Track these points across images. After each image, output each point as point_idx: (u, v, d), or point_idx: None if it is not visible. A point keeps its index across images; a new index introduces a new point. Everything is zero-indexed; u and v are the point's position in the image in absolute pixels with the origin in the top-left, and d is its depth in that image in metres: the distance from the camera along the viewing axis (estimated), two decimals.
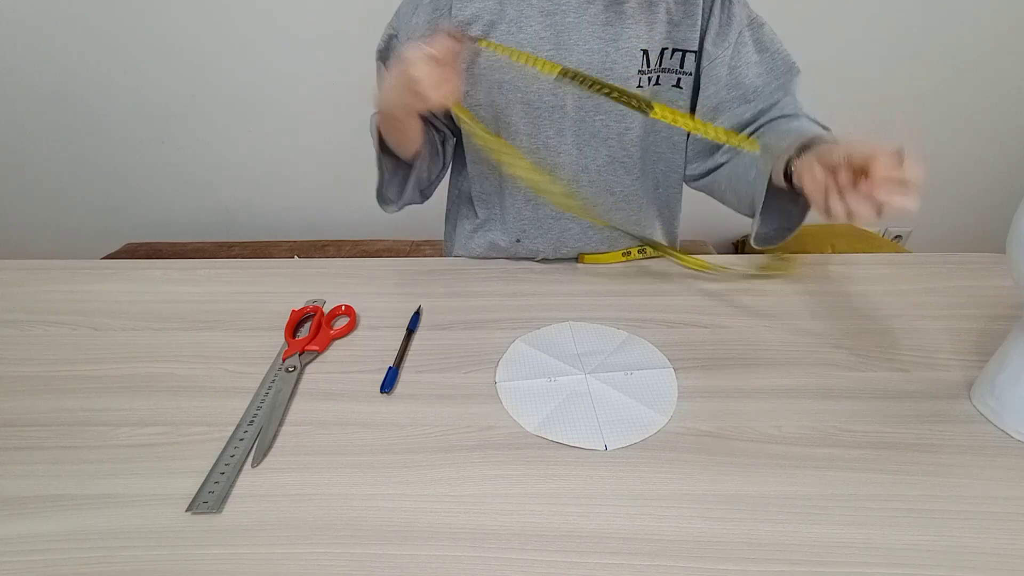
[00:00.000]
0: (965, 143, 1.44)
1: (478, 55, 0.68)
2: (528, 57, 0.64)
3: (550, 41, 0.67)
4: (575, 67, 0.67)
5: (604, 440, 0.56)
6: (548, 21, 0.66)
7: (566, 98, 0.70)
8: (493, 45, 0.65)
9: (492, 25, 0.67)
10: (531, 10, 0.66)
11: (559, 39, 0.67)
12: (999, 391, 0.57)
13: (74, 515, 0.50)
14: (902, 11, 1.23)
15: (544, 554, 0.47)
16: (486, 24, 0.67)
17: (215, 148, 1.45)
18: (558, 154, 0.74)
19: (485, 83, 0.70)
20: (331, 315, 0.73)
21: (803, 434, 0.57)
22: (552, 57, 0.67)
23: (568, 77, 0.63)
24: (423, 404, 0.61)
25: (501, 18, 0.67)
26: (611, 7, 0.66)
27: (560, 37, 0.67)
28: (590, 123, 0.72)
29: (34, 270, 0.83)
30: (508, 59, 0.67)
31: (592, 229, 0.80)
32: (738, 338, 0.69)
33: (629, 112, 0.71)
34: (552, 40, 0.67)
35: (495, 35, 0.67)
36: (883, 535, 0.47)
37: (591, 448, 0.55)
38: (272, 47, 1.30)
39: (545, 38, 0.67)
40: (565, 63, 0.67)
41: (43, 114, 1.41)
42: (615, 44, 0.67)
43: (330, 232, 1.57)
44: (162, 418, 0.59)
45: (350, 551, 0.47)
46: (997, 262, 0.81)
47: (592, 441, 0.56)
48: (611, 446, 0.56)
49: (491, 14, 0.66)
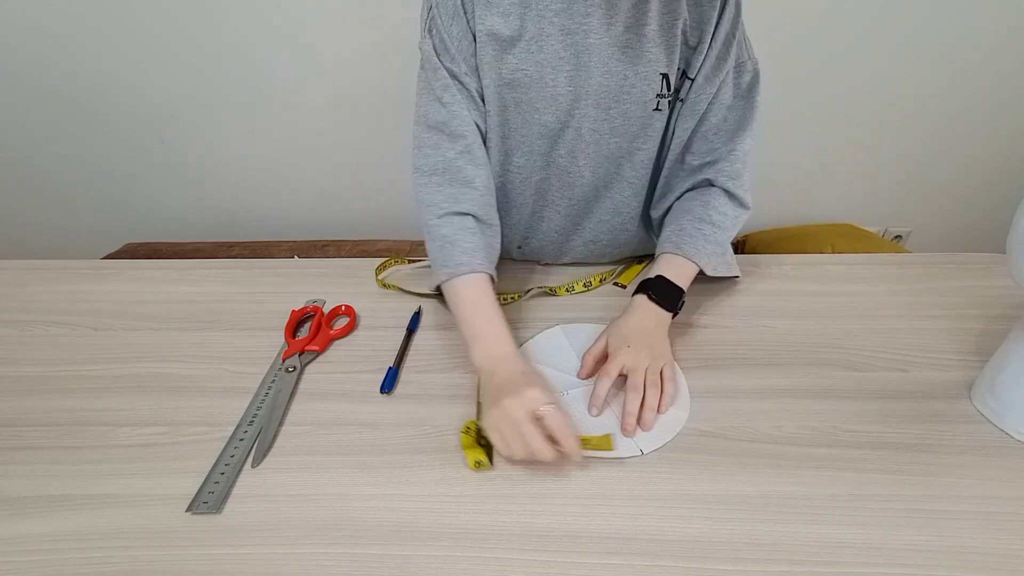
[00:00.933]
0: (965, 143, 1.44)
1: (500, 74, 0.66)
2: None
3: (570, 62, 0.65)
4: (594, 90, 0.66)
5: (638, 445, 0.56)
6: (569, 40, 0.64)
7: (583, 120, 0.68)
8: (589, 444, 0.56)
9: (513, 42, 0.64)
10: (552, 28, 0.64)
11: (579, 60, 0.65)
12: (999, 391, 0.57)
13: (74, 515, 0.50)
14: (902, 11, 1.23)
15: (544, 554, 0.47)
16: (506, 40, 0.64)
17: (215, 148, 1.45)
18: (568, 173, 0.73)
19: (501, 101, 0.68)
20: (331, 315, 0.73)
21: (803, 434, 0.57)
22: (571, 78, 0.66)
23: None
24: (423, 404, 0.61)
25: (521, 35, 0.64)
26: (632, 28, 0.63)
27: (580, 58, 0.64)
28: (605, 145, 0.71)
29: (34, 270, 0.83)
30: (528, 79, 0.65)
31: (593, 243, 0.80)
32: (738, 338, 0.69)
33: (643, 134, 0.70)
34: (572, 61, 0.65)
35: (515, 53, 0.65)
36: (883, 535, 0.47)
37: (628, 456, 0.55)
38: (273, 48, 1.30)
39: (565, 58, 0.65)
40: (584, 85, 0.66)
41: (43, 114, 1.41)
42: (634, 68, 0.65)
43: (330, 232, 1.57)
44: (162, 418, 0.59)
45: (350, 551, 0.47)
46: (997, 262, 0.81)
47: (626, 448, 0.56)
48: (646, 450, 0.55)
49: (512, 30, 0.63)
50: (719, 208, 0.70)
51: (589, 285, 0.78)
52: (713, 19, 0.63)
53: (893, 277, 0.79)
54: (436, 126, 0.67)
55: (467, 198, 0.67)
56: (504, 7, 0.63)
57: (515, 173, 0.74)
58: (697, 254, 0.68)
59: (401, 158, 1.48)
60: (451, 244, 0.65)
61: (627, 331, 0.63)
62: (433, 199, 0.67)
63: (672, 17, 0.63)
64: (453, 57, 0.65)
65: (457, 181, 0.67)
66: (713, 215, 0.70)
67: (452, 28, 0.64)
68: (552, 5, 0.63)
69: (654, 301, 0.65)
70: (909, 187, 1.53)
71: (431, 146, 0.67)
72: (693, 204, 0.71)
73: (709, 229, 0.69)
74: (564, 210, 0.77)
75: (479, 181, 0.67)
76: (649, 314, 0.65)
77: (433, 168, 0.67)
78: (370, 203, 1.55)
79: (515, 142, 0.71)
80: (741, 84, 0.68)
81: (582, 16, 0.63)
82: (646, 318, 0.65)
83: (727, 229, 0.71)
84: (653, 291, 0.66)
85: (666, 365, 0.61)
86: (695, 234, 0.69)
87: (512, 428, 0.52)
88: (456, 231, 0.65)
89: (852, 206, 1.56)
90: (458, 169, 0.67)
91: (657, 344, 0.63)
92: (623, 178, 0.74)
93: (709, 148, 0.70)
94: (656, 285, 0.66)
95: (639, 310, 0.65)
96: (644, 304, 0.66)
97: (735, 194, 0.71)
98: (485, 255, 0.66)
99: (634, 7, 0.62)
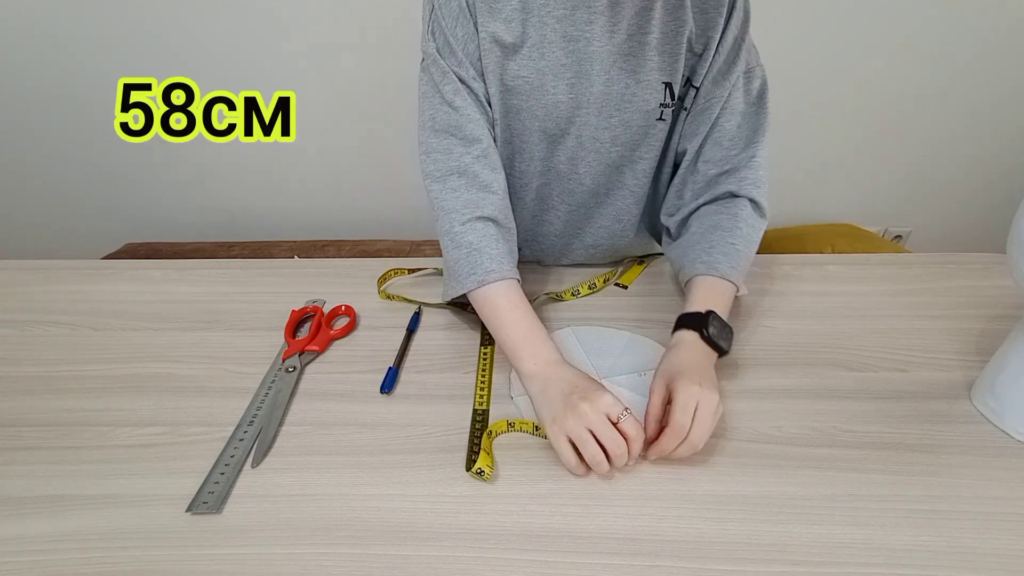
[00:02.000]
0: (965, 143, 1.44)
1: (502, 80, 0.65)
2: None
3: (571, 69, 0.64)
4: (596, 98, 0.66)
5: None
6: (571, 48, 0.63)
7: (584, 128, 0.68)
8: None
9: (515, 49, 0.63)
10: (554, 35, 0.63)
11: (581, 67, 0.64)
12: (999, 391, 0.57)
13: (74, 515, 0.50)
14: (902, 11, 1.23)
15: (544, 554, 0.47)
16: (508, 47, 0.63)
17: (215, 148, 1.45)
18: (568, 180, 0.73)
19: (503, 107, 0.67)
20: (331, 315, 0.73)
21: (803, 434, 0.57)
22: (572, 86, 0.65)
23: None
24: (423, 404, 0.61)
25: (524, 41, 0.63)
26: (635, 36, 0.63)
27: (582, 66, 0.64)
28: (606, 154, 0.70)
29: (34, 270, 0.83)
30: (529, 86, 0.65)
31: (593, 247, 0.80)
32: (738, 338, 0.69)
33: (645, 142, 0.70)
34: (573, 68, 0.64)
35: (517, 59, 0.64)
36: (883, 535, 0.47)
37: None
38: (273, 48, 1.30)
39: (567, 65, 0.64)
40: (586, 93, 0.65)
41: (43, 114, 1.41)
42: (636, 76, 0.64)
43: (330, 232, 1.57)
44: (162, 418, 0.59)
45: (350, 551, 0.47)
46: (997, 262, 0.81)
47: None
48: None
49: (514, 36, 0.63)
50: (748, 221, 0.67)
51: (594, 287, 0.78)
52: (720, 25, 0.62)
53: (893, 277, 0.79)
54: (447, 130, 0.65)
55: (488, 203, 0.64)
56: (507, 13, 0.62)
57: (516, 177, 0.74)
58: (733, 272, 0.65)
59: (401, 158, 1.49)
60: (478, 251, 0.62)
61: (694, 375, 0.54)
62: (453, 205, 0.64)
63: (676, 25, 0.62)
64: (460, 60, 0.64)
65: (475, 186, 0.64)
66: (744, 229, 0.67)
67: (457, 31, 0.63)
68: (554, 12, 0.62)
69: (706, 340, 0.59)
70: (909, 187, 1.53)
71: (442, 151, 0.65)
72: (720, 219, 0.68)
73: (743, 244, 0.67)
74: (565, 215, 0.77)
75: (497, 185, 0.66)
76: (702, 353, 0.58)
77: (447, 172, 0.65)
78: (370, 203, 1.55)
79: (516, 147, 0.71)
80: (752, 91, 0.67)
81: (584, 23, 0.62)
82: (704, 358, 0.58)
83: (754, 243, 0.68)
84: (708, 329, 0.59)
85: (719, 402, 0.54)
86: (729, 252, 0.66)
87: (587, 434, 0.50)
88: (481, 238, 0.63)
89: (852, 206, 1.56)
90: (475, 174, 0.64)
91: (713, 386, 0.55)
92: (624, 186, 0.74)
93: (725, 156, 0.69)
94: (710, 322, 0.59)
95: (694, 350, 0.58)
96: (696, 343, 0.59)
97: (759, 203, 0.68)
98: (511, 261, 0.64)
99: (637, 15, 0.62)
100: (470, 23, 0.63)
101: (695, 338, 0.59)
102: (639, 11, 0.62)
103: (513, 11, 0.62)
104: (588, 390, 0.53)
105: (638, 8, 0.61)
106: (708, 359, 0.58)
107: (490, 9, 0.62)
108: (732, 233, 0.67)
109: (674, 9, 0.62)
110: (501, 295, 0.62)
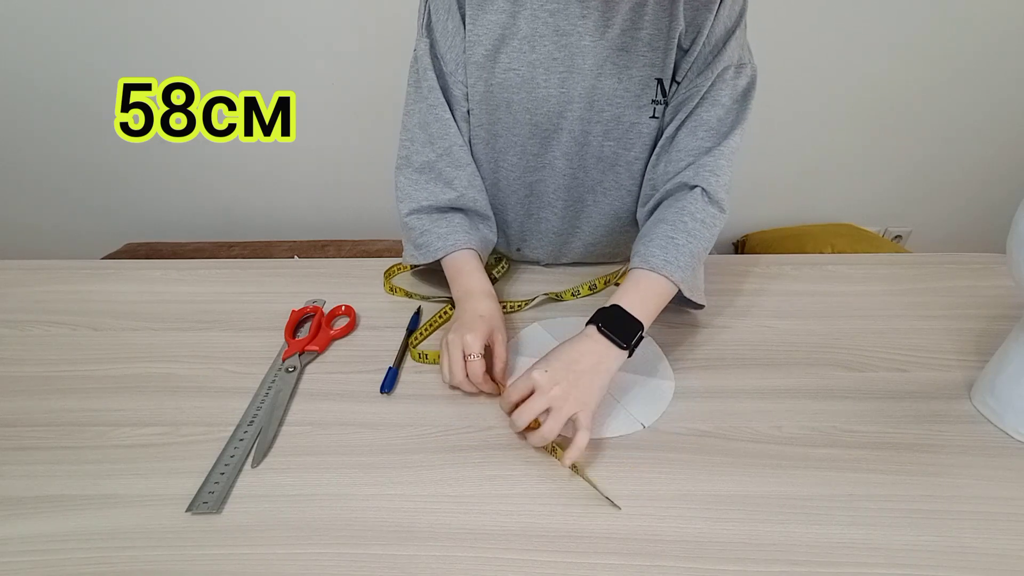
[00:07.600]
0: (965, 143, 1.44)
1: (492, 73, 0.66)
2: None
3: (563, 63, 0.64)
4: (586, 93, 0.65)
5: (639, 420, 0.58)
6: (562, 42, 0.63)
7: (575, 123, 0.68)
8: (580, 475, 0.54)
9: (504, 40, 0.64)
10: (545, 28, 0.63)
11: (572, 62, 0.64)
12: (999, 391, 0.57)
13: (74, 515, 0.50)
14: (902, 11, 1.23)
15: (544, 554, 0.47)
16: (498, 39, 0.63)
17: (215, 148, 1.45)
18: (562, 176, 0.73)
19: (492, 101, 0.68)
20: (331, 315, 0.73)
21: (803, 434, 0.57)
22: (564, 80, 0.65)
23: None
24: (423, 404, 0.61)
25: (514, 33, 0.63)
26: (628, 32, 0.62)
27: (573, 60, 0.64)
28: (599, 148, 0.70)
29: (34, 270, 0.83)
30: (520, 79, 0.65)
31: (592, 245, 0.80)
32: (738, 338, 0.69)
33: (638, 139, 0.69)
34: (565, 63, 0.64)
35: (507, 51, 0.64)
36: (883, 535, 0.47)
37: (631, 432, 0.57)
38: (273, 48, 1.30)
39: (558, 59, 0.64)
40: (577, 87, 0.65)
41: (43, 114, 1.41)
42: (628, 72, 0.64)
43: (330, 232, 1.57)
44: (162, 418, 0.59)
45: (350, 551, 0.47)
46: (997, 262, 0.81)
47: (628, 425, 0.58)
48: (647, 423, 0.58)
49: (504, 28, 0.63)
50: (695, 214, 0.64)
51: (594, 288, 0.78)
52: (710, 20, 0.62)
53: (893, 277, 0.79)
54: (421, 125, 0.69)
55: (446, 198, 0.71)
56: (498, 5, 0.63)
57: (508, 171, 0.74)
58: (667, 267, 0.61)
59: None
60: (429, 232, 0.70)
61: (558, 365, 0.55)
62: (410, 193, 0.71)
63: (669, 21, 0.62)
64: (443, 57, 0.66)
65: (440, 180, 0.71)
66: (688, 222, 0.63)
67: (447, 24, 0.65)
68: (547, 5, 0.62)
69: (604, 334, 0.57)
70: (909, 187, 1.53)
71: (421, 142, 0.70)
72: (668, 212, 0.65)
73: (684, 239, 0.63)
74: (560, 211, 0.77)
75: (458, 182, 0.71)
76: (590, 349, 0.56)
77: (418, 164, 0.71)
78: (370, 203, 1.55)
79: (507, 141, 0.71)
80: (739, 86, 0.66)
81: (577, 18, 0.62)
82: (585, 354, 0.56)
83: (702, 239, 0.64)
84: (604, 322, 0.57)
85: (581, 412, 0.53)
86: (667, 245, 0.62)
87: (453, 351, 0.60)
88: (434, 222, 0.71)
89: (852, 206, 1.56)
90: (439, 171, 0.70)
91: (583, 388, 0.54)
92: (619, 182, 0.74)
93: (699, 146, 0.66)
94: (608, 316, 0.58)
95: (583, 343, 0.57)
96: (592, 336, 0.57)
97: (712, 193, 0.64)
98: (466, 235, 0.70)
99: (631, 11, 0.62)
100: (458, 16, 0.65)
101: (592, 331, 0.58)
102: (632, 7, 0.62)
103: (504, 3, 0.63)
104: (466, 324, 0.62)
105: (632, 4, 0.62)
106: (601, 353, 0.56)
107: (481, 1, 0.63)
108: (674, 227, 0.63)
109: (667, 5, 0.62)
110: (453, 261, 0.70)
